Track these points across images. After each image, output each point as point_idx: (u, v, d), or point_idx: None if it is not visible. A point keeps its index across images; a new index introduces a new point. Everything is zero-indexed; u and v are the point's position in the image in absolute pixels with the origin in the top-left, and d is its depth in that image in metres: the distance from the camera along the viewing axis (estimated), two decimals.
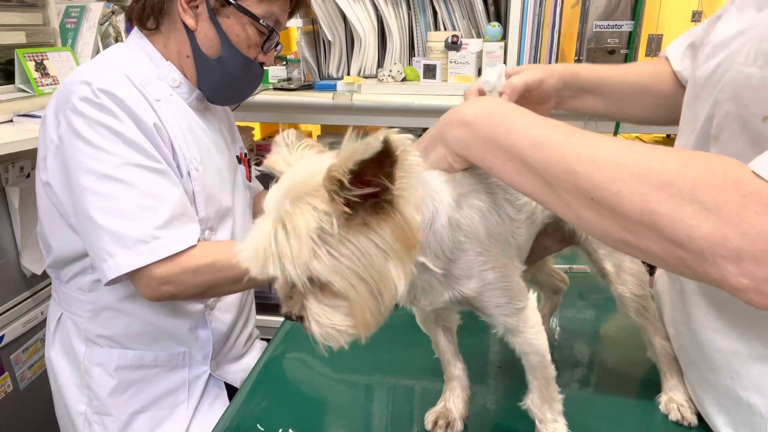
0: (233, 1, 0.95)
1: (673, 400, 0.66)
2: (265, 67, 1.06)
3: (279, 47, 1.04)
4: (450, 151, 0.54)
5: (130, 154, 0.86)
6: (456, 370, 0.64)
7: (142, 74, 0.94)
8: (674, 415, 0.65)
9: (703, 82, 0.57)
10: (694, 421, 0.65)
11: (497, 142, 0.49)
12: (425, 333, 0.66)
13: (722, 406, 0.57)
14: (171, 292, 0.89)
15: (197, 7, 0.95)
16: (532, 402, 0.59)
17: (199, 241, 0.91)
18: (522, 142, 0.48)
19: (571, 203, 0.45)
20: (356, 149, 0.40)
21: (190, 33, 0.96)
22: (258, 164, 1.92)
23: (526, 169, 0.48)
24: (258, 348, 1.22)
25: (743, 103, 0.49)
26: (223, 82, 1.01)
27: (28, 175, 1.38)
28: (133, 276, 0.88)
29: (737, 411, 0.55)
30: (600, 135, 0.46)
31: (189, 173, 0.96)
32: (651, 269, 0.70)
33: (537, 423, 0.59)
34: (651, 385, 0.70)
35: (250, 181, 1.22)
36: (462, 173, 0.55)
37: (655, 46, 1.76)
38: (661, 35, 1.76)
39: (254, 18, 0.96)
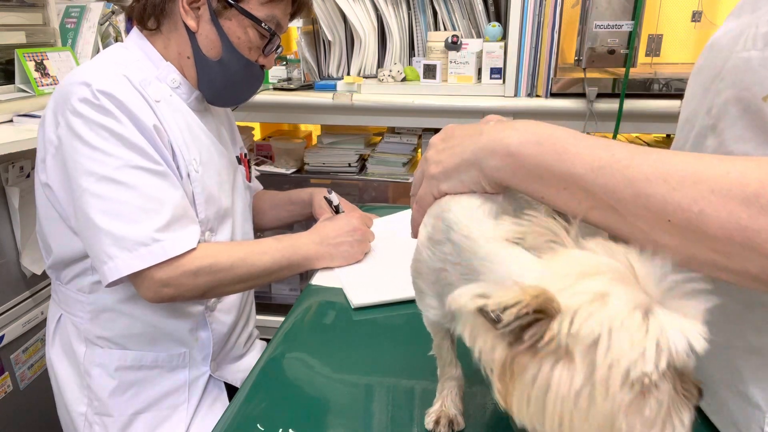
0: (235, 4, 0.94)
1: None
2: (265, 69, 1.06)
3: (280, 50, 1.04)
4: (486, 178, 0.51)
5: (130, 155, 0.86)
6: (456, 371, 0.64)
7: (142, 75, 0.94)
8: None
9: (703, 78, 0.57)
10: None
11: (549, 170, 0.46)
12: (425, 333, 0.66)
13: (721, 402, 0.58)
14: (171, 294, 0.89)
15: (199, 8, 0.95)
16: None
17: (199, 242, 0.91)
18: (578, 168, 0.44)
19: (644, 228, 0.42)
20: None
21: (191, 34, 0.96)
22: (258, 164, 1.92)
23: (586, 196, 0.44)
24: (258, 348, 1.22)
25: (744, 86, 0.48)
26: (223, 83, 1.01)
27: (28, 175, 1.38)
28: (133, 278, 0.88)
29: (736, 405, 0.56)
30: (663, 150, 0.44)
31: (189, 174, 0.96)
32: None
33: None
34: None
35: (249, 181, 1.22)
36: (503, 197, 0.52)
37: (655, 46, 1.76)
38: (661, 35, 1.76)
39: (256, 21, 0.96)
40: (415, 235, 0.60)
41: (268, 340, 0.90)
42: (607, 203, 0.43)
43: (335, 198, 1.18)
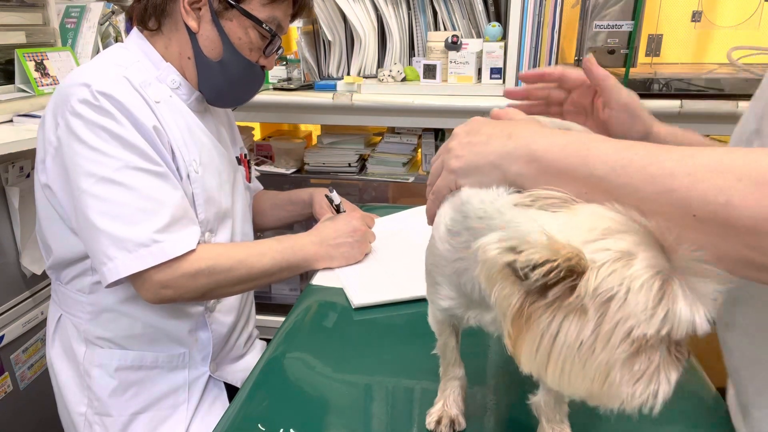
0: (236, 5, 0.94)
1: None
2: (265, 70, 1.06)
3: (280, 51, 1.04)
4: (509, 182, 0.50)
5: (130, 157, 0.86)
6: (459, 371, 0.64)
7: (142, 76, 0.94)
8: None
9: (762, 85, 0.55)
10: None
11: (571, 174, 0.45)
12: (425, 333, 0.66)
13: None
14: (170, 295, 0.89)
15: (200, 9, 0.95)
16: (545, 402, 0.59)
17: (199, 243, 0.91)
18: (600, 169, 0.43)
19: (672, 228, 0.39)
20: None
21: (192, 35, 0.96)
22: (258, 164, 1.92)
23: (608, 198, 0.43)
24: (258, 348, 1.22)
25: None
26: (224, 84, 1.01)
27: (28, 175, 1.38)
28: (133, 279, 0.88)
29: None
30: (690, 147, 0.42)
31: (189, 175, 0.96)
32: None
33: (544, 422, 0.59)
34: None
35: (249, 182, 1.22)
36: None
37: (655, 46, 1.76)
38: (661, 35, 1.76)
39: (257, 22, 0.96)
40: (430, 223, 0.61)
41: (268, 340, 0.90)
42: (629, 203, 0.42)
43: (336, 197, 1.18)
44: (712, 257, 0.38)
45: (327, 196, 1.19)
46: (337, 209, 1.17)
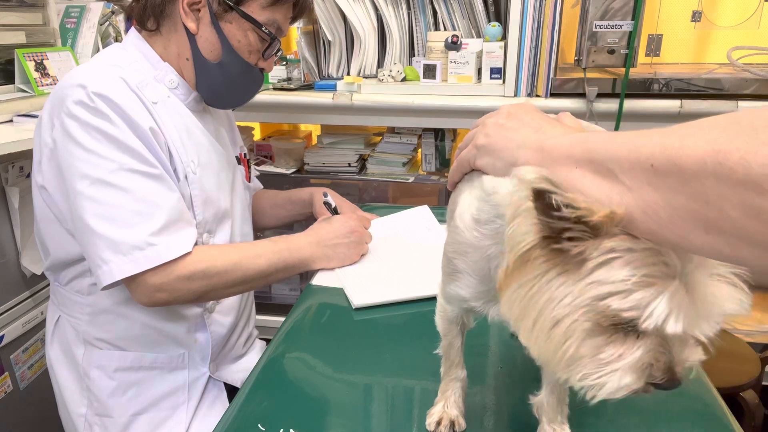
0: (236, 7, 0.94)
1: None
2: (264, 73, 1.06)
3: (279, 53, 1.04)
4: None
5: (125, 159, 0.86)
6: (461, 373, 0.64)
7: (139, 77, 0.93)
8: None
9: None
10: None
11: (567, 155, 0.46)
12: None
13: None
14: (165, 298, 0.89)
15: (199, 10, 0.94)
16: (547, 402, 0.59)
17: (195, 245, 0.91)
18: (593, 144, 0.44)
19: (633, 187, 0.39)
20: None
21: (191, 36, 0.96)
22: (258, 164, 1.92)
23: (591, 169, 0.43)
24: (258, 348, 1.22)
25: None
26: (222, 86, 1.00)
27: (28, 175, 1.38)
28: (128, 283, 0.87)
29: None
30: None
31: (186, 176, 0.96)
32: None
33: (545, 423, 0.59)
34: None
35: (249, 181, 1.22)
36: None
37: (655, 46, 1.76)
38: (661, 35, 1.76)
39: (256, 24, 0.95)
40: (451, 188, 0.62)
41: (268, 340, 0.90)
42: (609, 170, 0.41)
43: (332, 201, 1.18)
44: (667, 218, 0.37)
45: (325, 202, 1.18)
46: (335, 212, 1.17)
